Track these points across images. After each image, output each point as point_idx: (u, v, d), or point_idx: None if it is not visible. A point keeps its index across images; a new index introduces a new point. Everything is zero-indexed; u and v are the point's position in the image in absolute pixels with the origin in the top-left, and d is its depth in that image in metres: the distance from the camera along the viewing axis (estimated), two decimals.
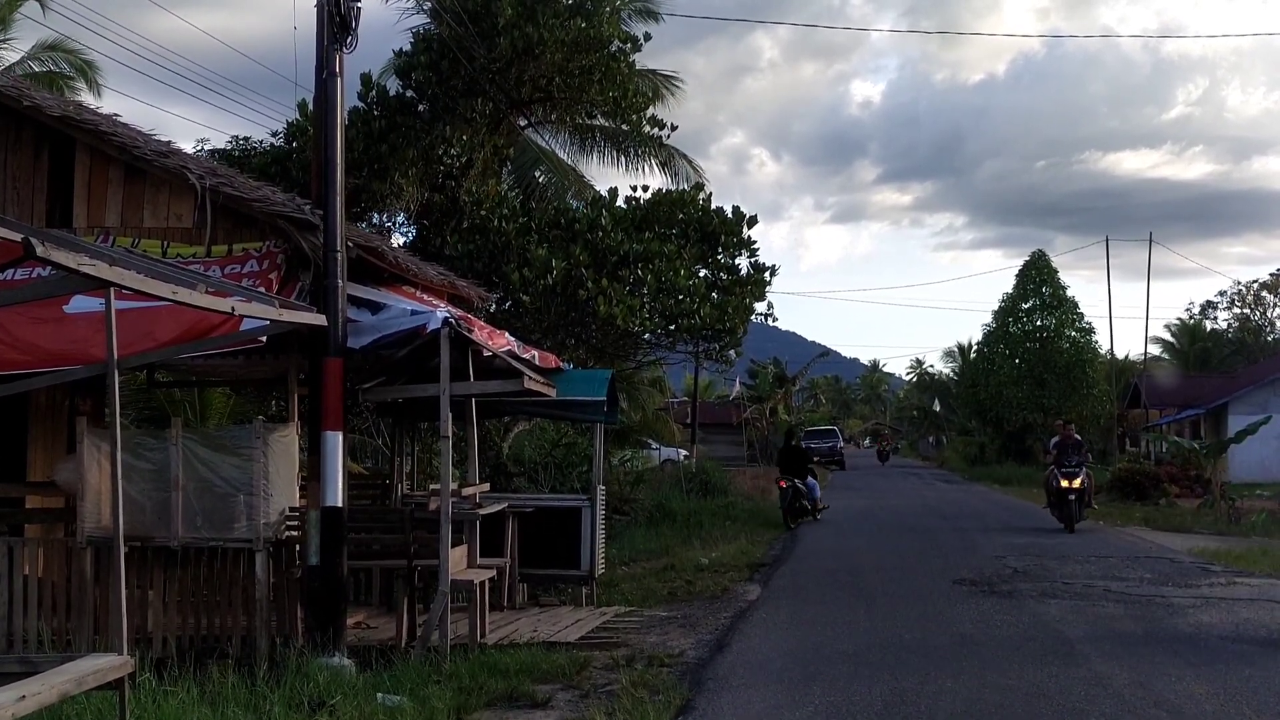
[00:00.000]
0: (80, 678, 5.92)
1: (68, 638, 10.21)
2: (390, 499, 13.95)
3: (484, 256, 19.49)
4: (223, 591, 10.56)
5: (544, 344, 17.01)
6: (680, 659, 10.57)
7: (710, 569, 17.73)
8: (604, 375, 14.42)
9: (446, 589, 10.64)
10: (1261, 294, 75.74)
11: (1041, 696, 8.91)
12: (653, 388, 37.01)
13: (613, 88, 20.88)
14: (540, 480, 22.26)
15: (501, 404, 14.47)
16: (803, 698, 8.97)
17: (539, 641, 11.32)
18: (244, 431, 10.86)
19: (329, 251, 10.46)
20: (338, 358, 10.46)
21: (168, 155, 11.21)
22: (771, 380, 65.16)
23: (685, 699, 8.95)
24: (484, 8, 19.74)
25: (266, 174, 17.75)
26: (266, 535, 10.40)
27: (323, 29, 10.74)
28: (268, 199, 10.98)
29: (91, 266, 5.28)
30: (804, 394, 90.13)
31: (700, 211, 20.75)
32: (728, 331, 20.77)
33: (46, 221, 11.03)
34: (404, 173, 19.83)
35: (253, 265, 10.75)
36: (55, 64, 26.53)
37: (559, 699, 9.08)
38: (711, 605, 14.07)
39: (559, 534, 14.14)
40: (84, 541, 10.27)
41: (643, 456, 34.35)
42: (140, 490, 10.47)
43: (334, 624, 10.26)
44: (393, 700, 8.69)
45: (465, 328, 10.85)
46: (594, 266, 19.01)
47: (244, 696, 8.40)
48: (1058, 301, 56.53)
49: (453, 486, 11.32)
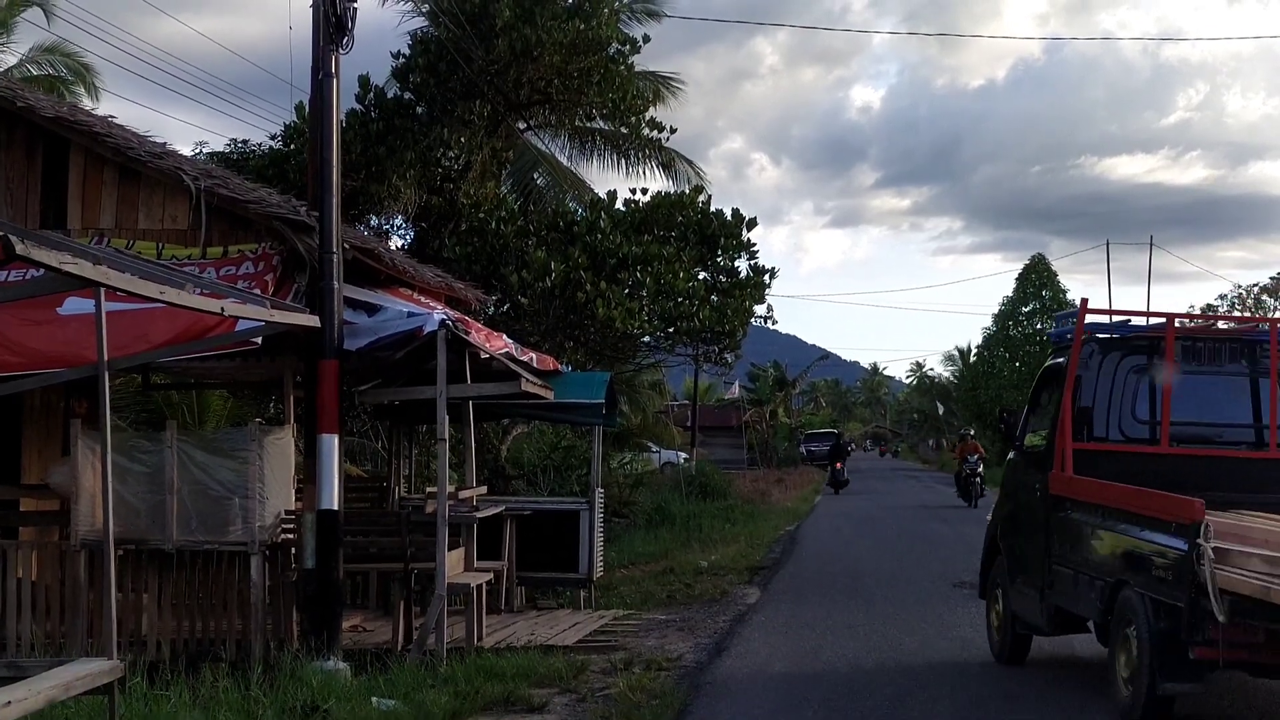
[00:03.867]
0: (68, 683, 5.85)
1: (61, 641, 10.15)
2: (388, 502, 13.89)
3: (482, 259, 19.42)
4: (218, 595, 10.50)
5: (542, 346, 16.94)
6: (678, 663, 10.51)
7: (709, 572, 17.67)
8: (602, 378, 14.37)
9: (443, 592, 10.57)
10: (1262, 298, 75.66)
11: (1043, 700, 8.85)
12: (653, 390, 36.97)
13: (611, 90, 20.81)
14: (539, 483, 22.19)
15: (499, 407, 14.41)
16: (802, 702, 8.91)
17: (536, 645, 11.26)
18: (239, 434, 10.81)
19: (325, 253, 10.40)
20: (333, 360, 10.40)
21: (162, 157, 11.16)
22: (772, 383, 65.17)
23: (683, 703, 8.89)
24: (482, 10, 19.67)
25: (264, 176, 17.68)
26: (262, 538, 10.34)
27: (318, 30, 10.69)
28: (263, 201, 10.93)
29: (74, 265, 5.21)
30: (804, 397, 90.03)
31: (699, 214, 20.66)
32: (727, 334, 20.67)
33: (41, 223, 10.97)
34: (402, 175, 19.75)
35: (248, 267, 10.69)
36: (54, 67, 26.45)
37: (556, 703, 9.01)
38: (710, 608, 14.01)
39: (557, 537, 14.07)
40: (78, 545, 10.21)
41: (642, 459, 34.27)
42: (135, 493, 10.42)
43: (329, 627, 10.19)
44: (387, 704, 8.63)
45: (462, 330, 10.79)
46: (593, 269, 18.93)
47: (236, 701, 8.34)
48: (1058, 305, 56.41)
49: (450, 489, 11.26)
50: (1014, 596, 10.37)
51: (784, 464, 58.38)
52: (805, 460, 61.67)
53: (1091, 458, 9.54)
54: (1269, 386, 9.67)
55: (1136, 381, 9.75)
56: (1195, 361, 9.79)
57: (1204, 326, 11.64)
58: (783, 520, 28.84)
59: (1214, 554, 7.42)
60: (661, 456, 42.25)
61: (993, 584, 11.03)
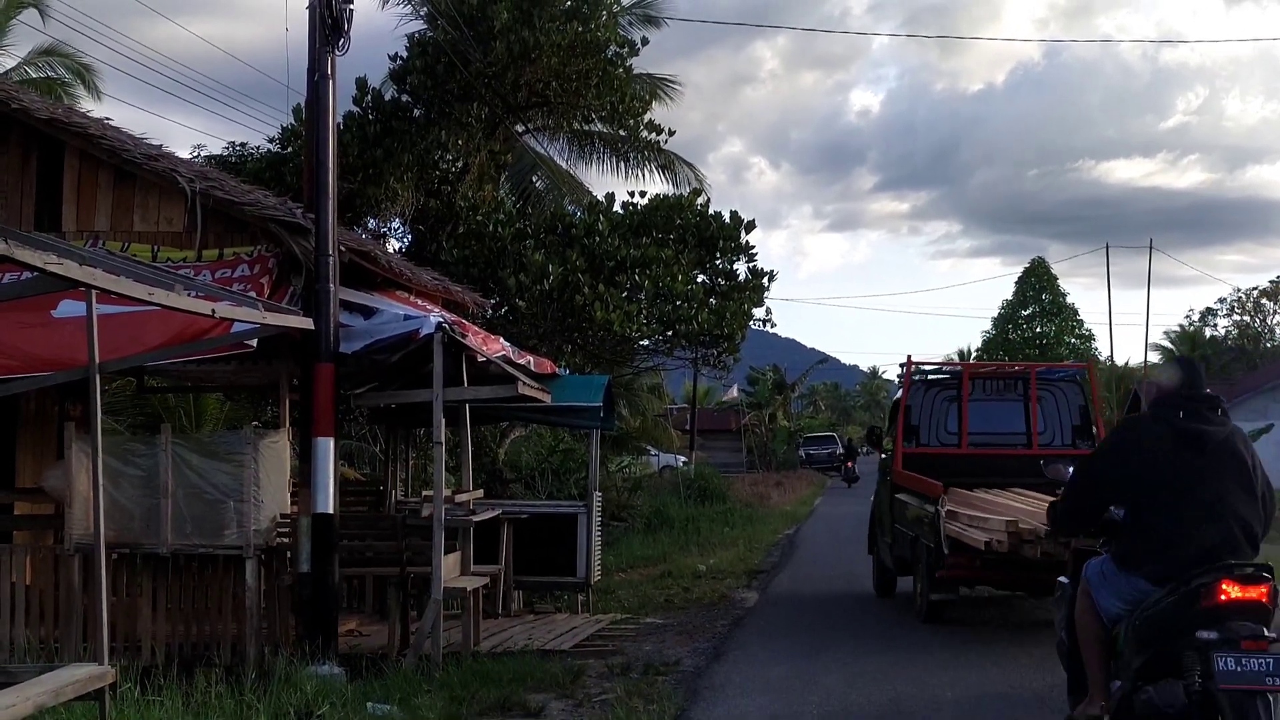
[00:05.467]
0: (58, 689, 5.79)
1: (56, 646, 10.10)
2: (384, 505, 13.84)
3: (480, 262, 19.37)
4: (212, 599, 10.46)
5: (540, 350, 16.89)
6: (676, 667, 10.44)
7: (708, 576, 17.61)
8: (600, 381, 14.31)
9: (439, 596, 10.52)
10: (1261, 301, 75.61)
11: (1043, 703, 8.79)
12: (651, 394, 36.94)
13: (610, 93, 20.78)
14: (537, 486, 22.14)
15: (497, 410, 14.35)
16: (800, 706, 8.85)
17: (533, 649, 11.20)
18: (235, 437, 10.77)
19: (320, 255, 10.36)
20: (329, 363, 10.35)
21: (157, 159, 11.11)
22: (770, 387, 65.05)
23: (680, 708, 8.82)
24: (480, 12, 19.64)
25: (260, 179, 17.65)
26: (257, 542, 10.30)
27: (315, 31, 10.65)
28: (259, 203, 10.89)
29: (59, 266, 5.16)
30: (803, 401, 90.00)
31: (698, 216, 20.61)
32: (726, 337, 20.62)
33: (35, 225, 10.92)
34: (399, 178, 19.73)
35: (244, 269, 10.65)
36: (52, 69, 26.42)
37: (553, 708, 8.94)
38: (709, 612, 13.95)
39: (555, 541, 14.01)
40: (72, 548, 10.18)
41: (641, 463, 34.22)
42: (129, 497, 10.38)
43: (325, 632, 10.13)
44: (382, 709, 8.57)
45: (459, 333, 10.74)
46: (591, 272, 18.89)
47: (230, 706, 8.28)
48: (1057, 308, 56.48)
49: (447, 493, 11.21)
50: (880, 550, 15.03)
51: (783, 467, 58.28)
52: (804, 464, 61.62)
53: (919, 458, 13.66)
54: (1032, 408, 13.97)
55: (946, 406, 14.14)
56: (985, 392, 14.18)
57: (988, 369, 16.16)
58: (781, 523, 28.79)
59: (946, 514, 11.60)
60: (660, 460, 42.21)
61: (871, 543, 15.64)
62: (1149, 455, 6.22)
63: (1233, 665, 5.59)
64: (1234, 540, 6.05)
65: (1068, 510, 6.72)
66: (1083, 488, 6.59)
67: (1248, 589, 5.74)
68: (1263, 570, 5.84)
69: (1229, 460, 6.21)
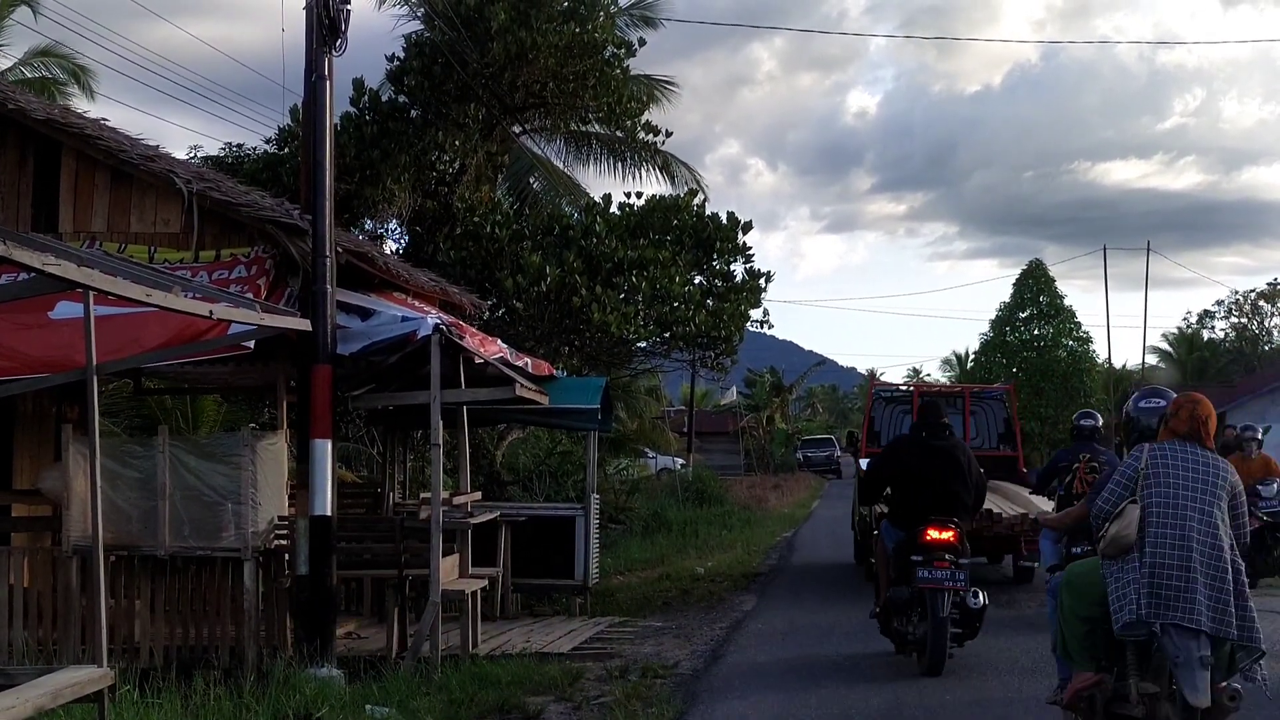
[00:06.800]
0: (57, 691, 5.77)
1: (54, 649, 10.07)
2: (382, 508, 13.82)
3: (477, 263, 19.33)
4: (210, 601, 10.43)
5: (538, 351, 16.86)
6: (675, 670, 10.43)
7: (706, 578, 17.60)
8: (598, 383, 14.30)
9: (437, 599, 10.50)
10: (1259, 303, 75.67)
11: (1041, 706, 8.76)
12: (649, 396, 36.94)
13: (607, 94, 20.73)
14: (534, 489, 22.12)
15: (495, 412, 14.33)
16: (799, 708, 8.84)
17: (531, 652, 11.19)
18: (232, 439, 10.74)
19: (318, 257, 10.34)
20: (326, 364, 10.33)
21: (154, 159, 11.09)
22: (768, 389, 64.99)
23: (679, 711, 8.82)
24: (477, 12, 19.61)
25: (258, 180, 17.62)
26: (255, 544, 10.27)
27: (312, 32, 10.63)
28: (256, 204, 10.87)
29: (56, 266, 5.13)
30: (801, 403, 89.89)
31: (695, 217, 20.55)
32: (723, 339, 20.58)
33: (32, 226, 10.91)
34: (396, 179, 19.69)
35: (241, 270, 10.63)
36: (48, 70, 26.41)
37: (551, 711, 8.93)
38: (707, 615, 13.94)
39: (553, 543, 14.01)
40: (70, 550, 10.14)
41: (639, 465, 34.22)
42: (127, 499, 10.35)
43: (323, 634, 10.11)
44: (381, 712, 8.55)
45: (456, 334, 10.72)
46: (588, 273, 18.86)
47: (228, 709, 8.26)
48: (1055, 311, 56.34)
49: (444, 495, 11.19)
50: (858, 525, 17.61)
51: (781, 470, 58.29)
52: (802, 466, 61.61)
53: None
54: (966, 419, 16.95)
55: (901, 417, 17.45)
56: None
57: (934, 389, 20.30)
58: (779, 526, 28.79)
59: None
60: (658, 462, 42.21)
61: (852, 520, 18.57)
62: (905, 459, 10.44)
63: (926, 574, 9.66)
64: (944, 506, 10.05)
65: (864, 492, 12.87)
66: (871, 479, 11.36)
67: (942, 531, 9.86)
68: (950, 521, 9.95)
69: (949, 461, 10.24)
